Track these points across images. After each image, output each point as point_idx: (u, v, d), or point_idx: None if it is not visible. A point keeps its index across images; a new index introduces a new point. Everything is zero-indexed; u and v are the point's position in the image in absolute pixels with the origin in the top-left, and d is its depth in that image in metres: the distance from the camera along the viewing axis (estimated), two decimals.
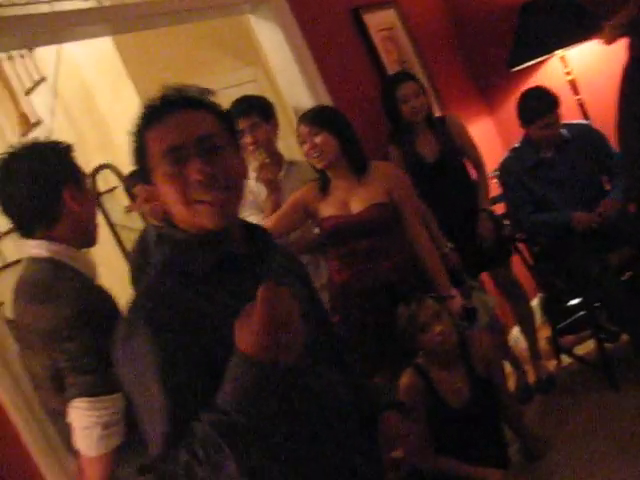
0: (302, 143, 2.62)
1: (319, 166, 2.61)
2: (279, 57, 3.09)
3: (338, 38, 3.38)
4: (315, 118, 2.61)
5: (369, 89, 3.44)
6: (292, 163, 2.94)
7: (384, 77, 3.49)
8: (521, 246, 3.48)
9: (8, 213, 1.79)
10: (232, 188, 1.23)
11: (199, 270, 1.21)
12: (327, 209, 2.60)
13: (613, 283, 3.02)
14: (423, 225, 2.72)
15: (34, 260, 1.77)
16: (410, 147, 3.18)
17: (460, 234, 3.11)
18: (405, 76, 3.27)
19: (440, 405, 2.47)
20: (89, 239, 1.88)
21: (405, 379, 2.49)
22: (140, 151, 1.25)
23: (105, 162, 4.48)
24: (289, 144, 3.51)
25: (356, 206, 2.59)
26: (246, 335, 1.05)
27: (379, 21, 3.63)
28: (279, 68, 3.11)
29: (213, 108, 1.28)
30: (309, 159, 2.63)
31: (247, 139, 2.78)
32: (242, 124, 2.73)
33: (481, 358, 2.55)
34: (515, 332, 3.75)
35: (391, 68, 3.57)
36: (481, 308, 2.75)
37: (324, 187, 2.65)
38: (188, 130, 1.21)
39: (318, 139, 2.57)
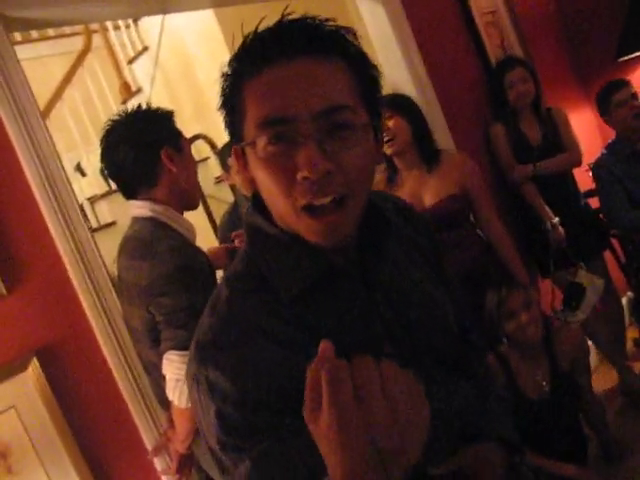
0: None
1: (390, 151, 2.57)
2: (381, 37, 3.07)
3: (441, 20, 3.33)
4: (390, 102, 2.58)
5: (470, 72, 3.40)
6: None
7: (486, 61, 3.45)
8: (615, 243, 3.37)
9: (113, 176, 1.89)
10: (353, 196, 0.85)
11: (288, 290, 0.88)
12: None
13: None
14: (497, 214, 2.69)
15: (137, 219, 1.85)
16: (515, 127, 3.18)
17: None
18: (515, 61, 3.29)
19: (518, 395, 2.44)
20: (190, 202, 1.95)
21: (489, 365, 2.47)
22: (233, 103, 0.89)
23: (199, 133, 4.60)
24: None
25: (429, 198, 2.55)
26: (324, 449, 0.67)
27: (484, 4, 3.56)
28: (381, 48, 3.10)
29: (349, 58, 0.86)
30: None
31: None
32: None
33: (566, 353, 2.50)
34: None
35: (493, 53, 3.50)
36: (590, 286, 2.69)
37: (392, 178, 2.62)
38: (307, 94, 0.81)
39: (391, 123, 2.54)
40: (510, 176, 3.17)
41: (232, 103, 0.89)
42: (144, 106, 1.91)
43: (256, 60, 0.84)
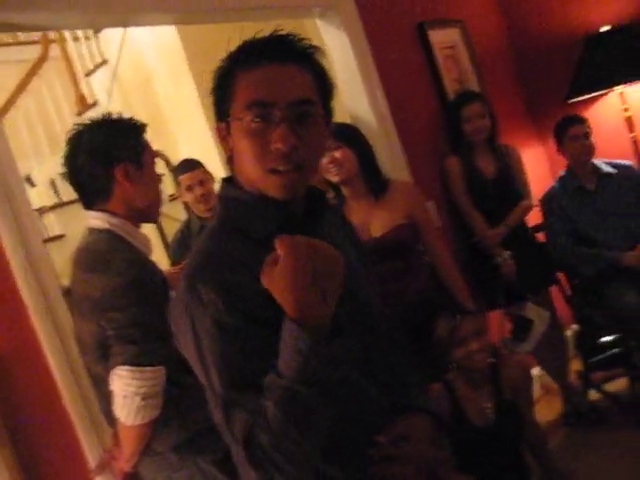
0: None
1: (336, 179, 2.60)
2: (343, 64, 3.12)
3: (402, 51, 3.41)
4: (337, 133, 2.59)
5: (428, 105, 3.49)
6: None
7: (443, 94, 3.53)
8: (561, 276, 3.47)
9: (71, 183, 1.86)
10: (307, 167, 1.15)
11: (262, 231, 1.14)
12: None
13: None
14: (444, 242, 2.77)
15: (93, 231, 1.83)
16: (470, 160, 3.24)
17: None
18: (472, 96, 3.39)
19: (464, 422, 2.47)
20: (148, 217, 1.93)
21: (432, 394, 2.49)
22: (225, 88, 1.16)
23: (155, 150, 4.55)
24: None
25: (377, 228, 2.57)
26: (280, 294, 0.98)
27: (443, 39, 3.66)
28: (343, 77, 3.13)
29: (318, 71, 1.18)
30: (326, 173, 2.61)
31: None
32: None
33: (511, 382, 2.54)
34: None
35: (450, 86, 3.60)
36: (537, 320, 2.76)
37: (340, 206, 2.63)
38: (285, 88, 1.11)
39: (338, 153, 2.56)
40: (481, 240, 3.23)
41: (225, 86, 1.16)
42: (117, 115, 1.89)
43: (252, 58, 1.12)
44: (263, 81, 1.12)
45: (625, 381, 3.26)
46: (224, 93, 1.16)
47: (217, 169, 3.72)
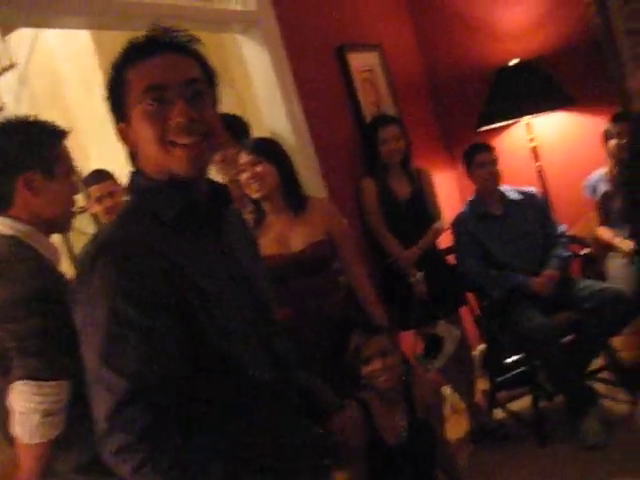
0: (242, 172, 2.61)
1: (257, 195, 2.60)
2: (263, 80, 3.11)
3: (321, 71, 3.44)
4: (257, 147, 2.60)
5: (346, 126, 3.52)
6: None
7: (360, 116, 3.58)
8: (470, 297, 3.56)
9: None
10: (209, 136, 1.24)
11: (167, 214, 1.22)
12: (264, 246, 2.52)
13: (555, 344, 3.12)
14: (359, 259, 2.79)
15: None
16: (384, 183, 3.29)
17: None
18: (389, 119, 3.46)
19: (377, 441, 2.48)
20: (55, 227, 1.83)
21: (347, 411, 2.47)
22: (119, 87, 1.24)
23: None
24: None
25: (296, 244, 2.58)
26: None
27: (361, 62, 3.72)
28: (262, 91, 3.13)
29: (198, 56, 1.29)
30: (247, 188, 2.61)
31: (217, 156, 2.80)
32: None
33: (423, 400, 2.57)
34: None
35: (367, 109, 3.65)
36: (448, 338, 2.82)
37: (259, 221, 2.64)
38: (174, 71, 1.22)
39: (259, 168, 2.56)
40: (395, 261, 3.28)
41: (118, 86, 1.24)
42: (32, 119, 1.76)
43: (140, 53, 1.23)
44: (153, 69, 1.21)
45: (529, 400, 3.36)
46: (119, 93, 1.25)
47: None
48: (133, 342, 1.10)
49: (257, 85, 3.14)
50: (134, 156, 1.28)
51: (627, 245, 3.36)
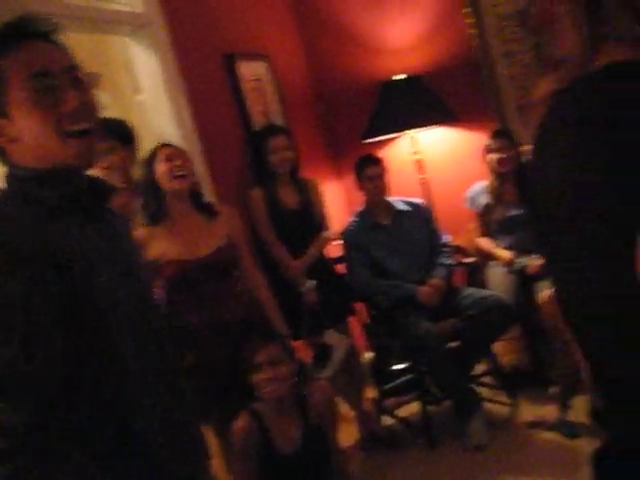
0: (166, 161, 2.59)
1: (182, 186, 2.58)
2: (151, 84, 3.02)
3: (210, 78, 3.39)
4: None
5: (235, 135, 3.49)
6: None
7: (248, 124, 3.56)
8: (359, 306, 3.61)
9: None
10: (96, 120, 1.25)
11: (52, 200, 1.20)
12: (171, 250, 2.53)
13: (441, 350, 3.22)
14: (257, 265, 2.85)
15: None
16: (273, 192, 3.28)
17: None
18: (277, 129, 3.46)
19: (271, 450, 2.44)
20: None
21: (239, 422, 2.44)
22: None
23: None
24: None
25: (204, 248, 2.57)
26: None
27: (250, 71, 3.70)
28: (149, 95, 3.04)
29: (63, 44, 1.27)
30: (170, 178, 2.57)
31: (102, 163, 2.69)
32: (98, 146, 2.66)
33: (317, 408, 2.57)
34: None
35: (256, 118, 3.64)
36: (337, 347, 2.84)
37: (157, 218, 2.60)
38: (56, 58, 1.20)
39: (184, 160, 2.61)
40: (285, 270, 3.27)
41: None
42: None
43: (11, 40, 1.17)
44: (31, 57, 1.17)
45: (417, 405, 3.44)
46: None
47: None
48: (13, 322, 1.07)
49: (145, 88, 3.05)
50: (3, 152, 1.24)
51: (506, 255, 3.53)
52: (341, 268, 3.64)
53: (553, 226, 0.85)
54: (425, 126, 4.02)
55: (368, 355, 3.95)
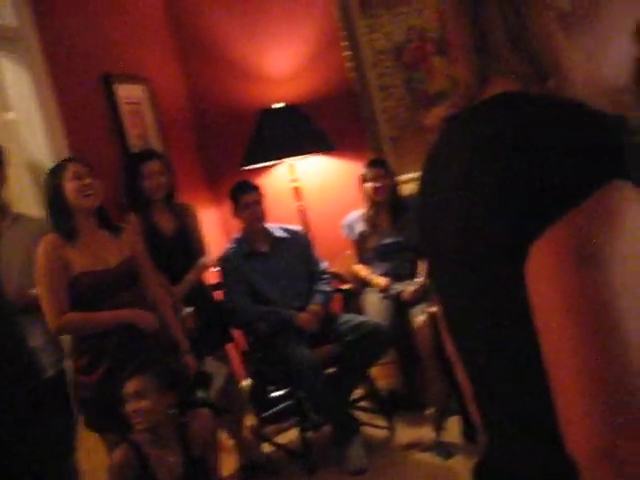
0: (74, 179, 2.57)
1: (91, 205, 2.61)
2: (22, 101, 2.88)
3: (86, 98, 3.29)
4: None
5: (110, 156, 3.39)
6: (20, 215, 2.73)
7: (125, 147, 3.47)
8: (237, 333, 3.58)
9: None
10: None
11: None
12: (81, 262, 2.55)
13: (319, 376, 3.25)
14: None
15: None
16: (148, 218, 3.23)
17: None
18: (152, 154, 3.40)
19: None
20: None
21: (117, 455, 2.34)
22: None
23: None
24: (20, 196, 3.23)
25: (112, 259, 2.64)
26: None
27: (128, 94, 3.62)
28: (20, 113, 2.90)
29: None
30: (80, 196, 2.57)
31: None
32: None
33: (197, 437, 2.51)
34: None
35: (133, 141, 3.56)
36: (216, 374, 2.85)
37: (71, 235, 2.58)
38: None
39: (92, 179, 2.62)
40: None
41: None
42: None
43: None
44: None
45: (296, 432, 3.44)
46: None
47: None
48: None
49: (15, 105, 2.90)
50: None
51: (382, 281, 3.64)
52: (219, 294, 3.60)
53: (442, 249, 0.87)
54: (303, 154, 4.09)
55: (246, 382, 3.92)
